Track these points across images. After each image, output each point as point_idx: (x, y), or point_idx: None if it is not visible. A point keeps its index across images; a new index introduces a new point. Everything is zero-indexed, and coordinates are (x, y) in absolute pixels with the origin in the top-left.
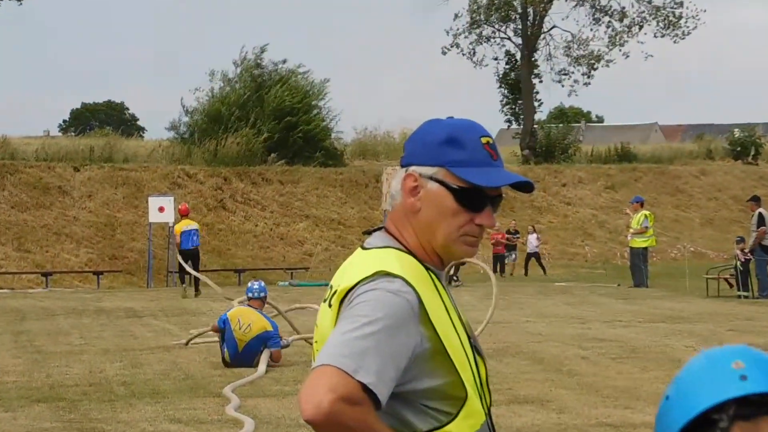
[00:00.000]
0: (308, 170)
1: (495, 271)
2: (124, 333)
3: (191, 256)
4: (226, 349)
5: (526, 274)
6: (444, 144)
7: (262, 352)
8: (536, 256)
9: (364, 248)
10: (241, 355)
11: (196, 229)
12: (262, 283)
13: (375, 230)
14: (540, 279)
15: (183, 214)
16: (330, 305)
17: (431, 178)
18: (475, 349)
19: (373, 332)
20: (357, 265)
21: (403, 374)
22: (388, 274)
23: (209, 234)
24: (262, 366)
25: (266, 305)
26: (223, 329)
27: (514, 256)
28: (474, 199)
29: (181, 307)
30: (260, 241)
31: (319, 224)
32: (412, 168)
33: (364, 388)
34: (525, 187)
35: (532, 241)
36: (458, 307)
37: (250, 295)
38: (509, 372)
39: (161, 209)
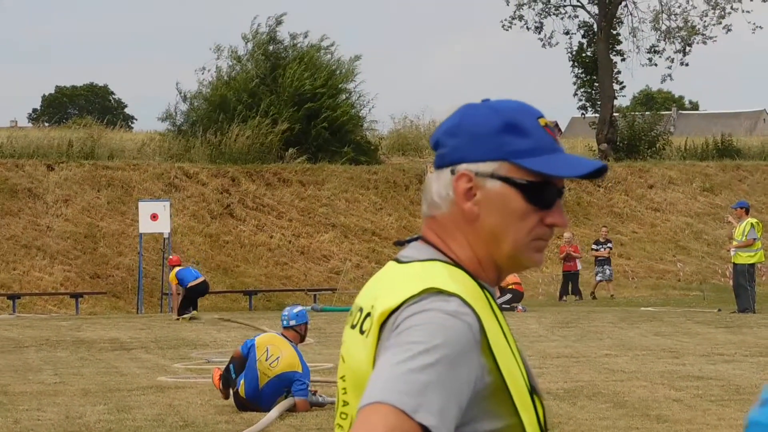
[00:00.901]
0: (335, 169)
1: (566, 293)
2: (109, 369)
3: (200, 292)
4: (242, 382)
5: (593, 297)
6: (502, 132)
7: (285, 396)
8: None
9: (400, 261)
10: (261, 393)
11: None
12: (303, 311)
13: (410, 241)
14: (623, 303)
15: (174, 266)
16: (362, 331)
17: (492, 176)
18: (533, 386)
19: (431, 363)
20: (396, 282)
21: (462, 414)
22: (441, 292)
23: (213, 248)
24: (274, 411)
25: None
26: (245, 358)
27: (608, 272)
28: (545, 194)
29: (179, 337)
30: (276, 256)
31: (349, 235)
32: (463, 166)
33: (425, 430)
34: (596, 173)
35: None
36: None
37: (284, 323)
38: (585, 417)
39: (154, 217)
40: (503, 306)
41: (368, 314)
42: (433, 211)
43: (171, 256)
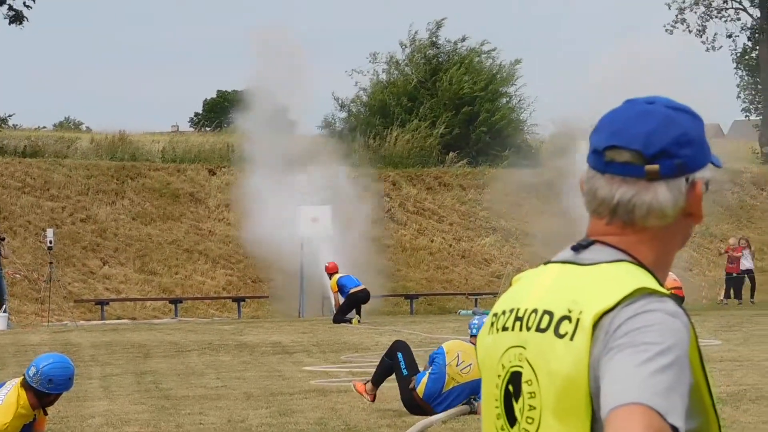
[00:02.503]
0: (495, 172)
1: (728, 296)
2: (271, 373)
3: (362, 299)
4: (424, 381)
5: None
6: (704, 135)
7: (467, 403)
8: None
9: (581, 264)
10: (442, 397)
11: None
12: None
13: (587, 245)
14: None
15: (332, 272)
16: (559, 335)
17: (704, 179)
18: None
19: (669, 364)
20: (597, 284)
21: None
22: (654, 293)
23: (374, 252)
24: (443, 414)
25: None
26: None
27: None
28: None
29: (341, 341)
30: (437, 260)
31: (510, 239)
32: (698, 175)
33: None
34: None
35: (746, 259)
36: None
37: (473, 332)
38: (749, 421)
39: (315, 221)
40: None
41: (564, 317)
42: (651, 221)
43: (328, 263)
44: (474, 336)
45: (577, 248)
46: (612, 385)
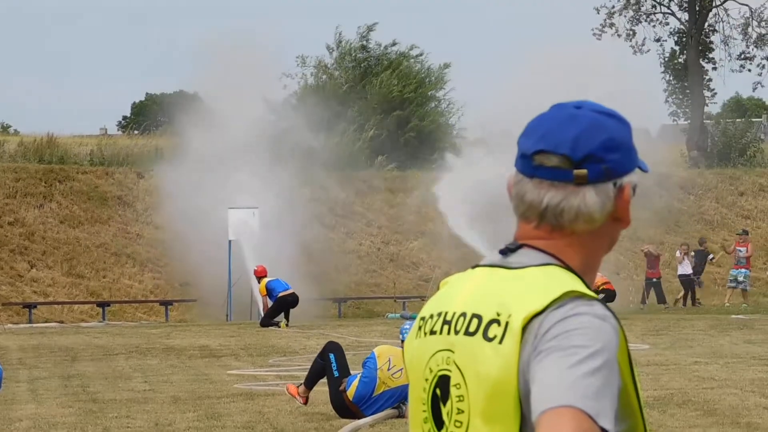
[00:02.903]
0: (425, 176)
1: (644, 302)
2: (199, 377)
3: (291, 303)
4: (354, 384)
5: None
6: (631, 138)
7: (396, 407)
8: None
9: (509, 267)
10: (372, 400)
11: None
12: None
13: (515, 248)
14: (714, 311)
15: (261, 276)
16: (488, 338)
17: (631, 183)
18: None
19: (599, 367)
20: (526, 287)
21: None
22: (582, 296)
23: (302, 255)
24: (370, 418)
25: None
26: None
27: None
28: None
29: (269, 345)
30: (365, 264)
31: (439, 242)
32: (626, 179)
33: None
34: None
35: (685, 265)
36: None
37: (403, 337)
38: (675, 425)
39: (243, 223)
40: None
41: (493, 320)
42: (579, 226)
43: (257, 267)
44: (404, 342)
45: (505, 252)
46: (542, 389)
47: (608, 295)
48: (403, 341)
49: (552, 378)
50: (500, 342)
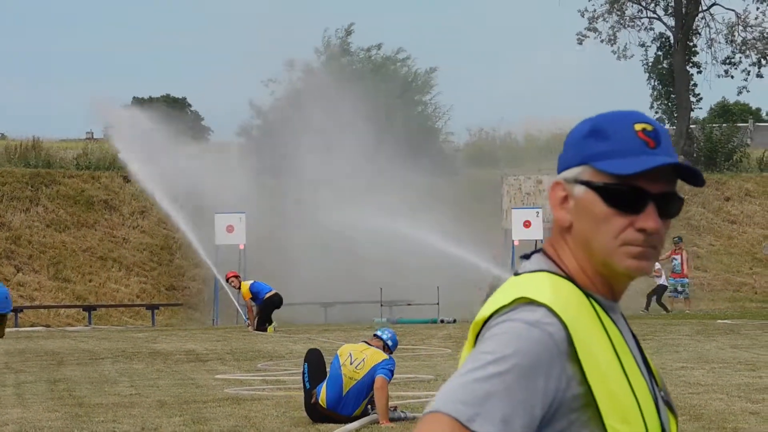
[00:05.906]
0: (411, 180)
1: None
2: (185, 381)
3: (276, 304)
4: (323, 391)
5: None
6: (586, 137)
7: (369, 407)
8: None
9: (517, 274)
10: (345, 399)
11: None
12: (395, 336)
13: (533, 253)
14: (700, 315)
15: (235, 279)
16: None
17: (576, 180)
18: (665, 403)
19: (499, 373)
20: (500, 292)
21: (547, 426)
22: (531, 302)
23: (289, 260)
24: (354, 423)
25: None
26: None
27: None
28: (628, 197)
29: (255, 349)
30: (353, 268)
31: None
32: (561, 175)
33: None
34: (691, 178)
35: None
36: (641, 348)
37: (378, 333)
38: None
39: (230, 229)
40: None
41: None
42: (556, 225)
43: (227, 273)
44: (376, 337)
45: (522, 258)
46: (437, 393)
47: None
48: (375, 336)
49: (447, 383)
50: (466, 347)
